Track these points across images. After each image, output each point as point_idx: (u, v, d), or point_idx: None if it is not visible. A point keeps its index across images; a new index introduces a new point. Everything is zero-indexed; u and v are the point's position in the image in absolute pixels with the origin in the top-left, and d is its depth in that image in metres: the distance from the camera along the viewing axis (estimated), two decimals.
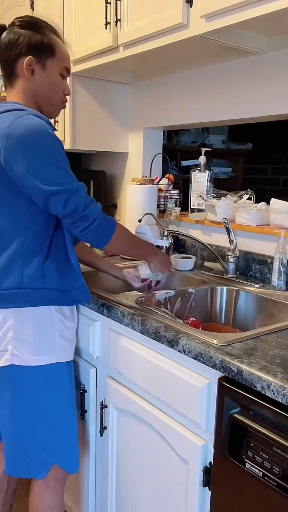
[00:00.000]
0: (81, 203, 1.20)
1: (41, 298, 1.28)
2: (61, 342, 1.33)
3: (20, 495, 1.85)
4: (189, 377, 1.14)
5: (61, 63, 1.33)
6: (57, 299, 1.31)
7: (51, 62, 1.31)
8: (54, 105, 1.36)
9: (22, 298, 1.26)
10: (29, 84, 1.30)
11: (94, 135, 2.28)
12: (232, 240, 1.75)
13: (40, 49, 1.29)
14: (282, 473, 0.92)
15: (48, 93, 1.33)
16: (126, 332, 1.35)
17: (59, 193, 1.17)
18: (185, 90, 2.04)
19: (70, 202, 1.18)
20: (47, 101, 1.34)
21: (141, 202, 2.03)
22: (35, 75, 1.30)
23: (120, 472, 1.44)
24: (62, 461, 1.36)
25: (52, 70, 1.32)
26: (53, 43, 1.31)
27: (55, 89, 1.34)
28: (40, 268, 1.27)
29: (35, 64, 1.29)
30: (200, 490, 1.13)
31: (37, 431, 1.32)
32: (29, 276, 1.26)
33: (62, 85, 1.36)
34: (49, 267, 1.28)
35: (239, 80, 1.79)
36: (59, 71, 1.34)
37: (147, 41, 1.64)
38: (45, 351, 1.30)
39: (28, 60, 1.27)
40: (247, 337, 1.15)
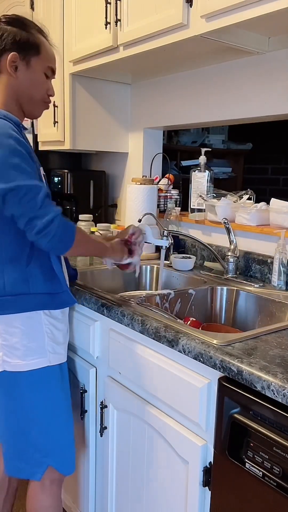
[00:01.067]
0: (38, 201, 1.14)
1: (26, 304, 1.26)
2: (51, 345, 1.32)
3: (20, 495, 1.85)
4: (189, 377, 1.14)
5: (46, 62, 1.31)
6: (44, 303, 1.28)
7: (36, 60, 1.29)
8: (36, 104, 1.34)
9: (6, 305, 1.24)
10: (12, 80, 1.28)
11: (94, 135, 2.28)
12: (232, 240, 1.75)
13: (25, 46, 1.27)
14: (282, 473, 0.92)
15: (30, 91, 1.31)
16: (126, 332, 1.35)
17: (13, 190, 1.13)
18: (185, 90, 2.04)
19: (25, 199, 1.14)
20: (28, 100, 1.32)
21: (141, 202, 2.03)
22: (18, 72, 1.28)
23: (120, 472, 1.44)
24: (56, 463, 1.36)
25: (36, 68, 1.30)
26: (38, 42, 1.29)
27: (38, 87, 1.32)
28: (23, 272, 1.25)
29: (19, 60, 1.27)
30: (200, 490, 1.13)
31: (31, 433, 1.32)
32: (11, 281, 1.24)
33: (45, 84, 1.33)
34: (32, 271, 1.26)
35: (239, 80, 1.79)
36: (43, 70, 1.32)
37: (147, 41, 1.64)
38: (36, 355, 1.29)
39: (12, 56, 1.25)
40: (247, 337, 1.15)
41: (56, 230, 1.16)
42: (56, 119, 2.21)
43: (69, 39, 2.05)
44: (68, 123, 2.18)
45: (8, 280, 1.24)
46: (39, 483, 1.38)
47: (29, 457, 1.34)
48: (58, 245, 1.19)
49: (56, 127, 2.23)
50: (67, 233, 1.19)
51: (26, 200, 1.14)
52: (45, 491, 1.38)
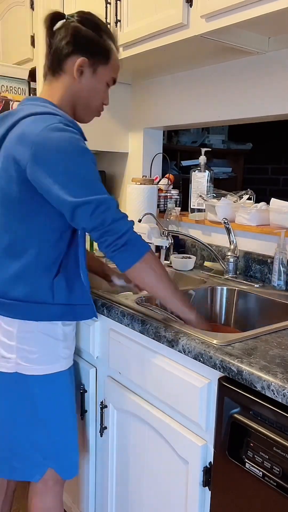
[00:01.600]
0: (109, 216, 1.12)
1: (48, 314, 1.25)
2: (64, 351, 1.32)
3: (20, 496, 1.85)
4: (189, 377, 1.14)
5: (111, 72, 1.29)
6: (63, 314, 1.28)
7: (103, 69, 1.27)
8: (90, 111, 1.32)
9: (28, 312, 1.24)
10: (73, 84, 1.26)
11: (94, 135, 2.27)
12: (232, 241, 1.75)
13: (96, 52, 1.24)
14: (282, 473, 0.92)
15: (89, 98, 1.29)
16: (126, 332, 1.35)
17: (85, 204, 1.10)
18: (185, 90, 2.04)
19: (97, 213, 1.11)
20: (85, 106, 1.30)
21: (141, 202, 2.03)
22: (83, 78, 1.25)
23: (120, 472, 1.44)
24: (58, 466, 1.35)
25: (101, 77, 1.28)
26: (109, 50, 1.27)
27: (97, 96, 1.30)
28: (50, 283, 1.24)
29: (87, 66, 1.25)
30: (200, 490, 1.13)
31: (34, 434, 1.31)
32: (39, 290, 1.23)
33: (104, 94, 1.32)
34: (58, 283, 1.25)
35: (239, 80, 1.79)
36: (107, 80, 1.29)
37: (147, 41, 1.64)
38: (49, 361, 1.28)
39: (81, 60, 1.23)
40: (247, 337, 1.15)
41: (124, 244, 1.14)
42: None
43: None
44: None
45: (35, 288, 1.23)
46: (42, 484, 1.37)
47: (29, 457, 1.33)
48: (122, 259, 1.16)
49: None
50: (135, 248, 1.16)
51: (98, 214, 1.11)
52: (48, 491, 1.38)
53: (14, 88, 2.10)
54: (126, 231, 1.14)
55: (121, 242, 1.13)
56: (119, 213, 1.15)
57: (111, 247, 1.14)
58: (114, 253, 1.15)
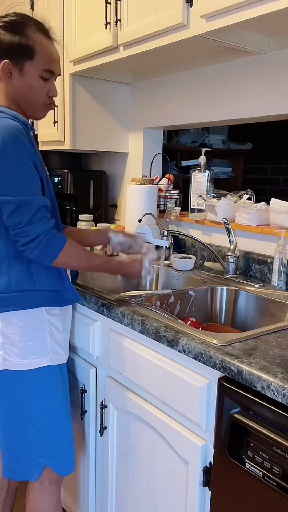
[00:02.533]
0: (25, 218, 1.16)
1: (30, 300, 1.26)
2: (52, 344, 1.32)
3: (20, 496, 1.85)
4: (189, 377, 1.14)
5: (41, 65, 1.27)
6: (47, 300, 1.29)
7: (29, 65, 1.26)
8: (36, 108, 1.32)
9: (11, 301, 1.24)
10: (8, 87, 1.27)
11: (94, 135, 2.28)
12: (232, 241, 1.75)
13: (17, 51, 1.24)
14: (282, 473, 0.92)
15: (28, 96, 1.29)
16: (126, 332, 1.35)
17: (6, 203, 1.15)
18: (185, 90, 2.04)
19: (15, 214, 1.16)
20: (27, 104, 1.30)
21: (141, 202, 2.03)
22: (13, 79, 1.26)
23: (120, 472, 1.44)
24: (53, 463, 1.36)
25: (31, 73, 1.27)
26: (32, 44, 1.25)
27: (35, 92, 1.29)
28: (27, 269, 1.25)
29: (12, 67, 1.25)
30: (200, 490, 1.13)
31: (28, 433, 1.32)
32: (17, 278, 1.24)
33: (44, 88, 1.30)
34: (36, 268, 1.26)
35: (239, 80, 1.79)
36: (39, 74, 1.28)
37: (147, 41, 1.64)
38: (37, 354, 1.29)
39: (4, 63, 1.24)
40: (247, 337, 1.15)
41: (37, 247, 1.18)
42: (56, 119, 2.21)
43: (69, 39, 2.05)
44: (68, 123, 2.18)
45: (13, 276, 1.24)
46: (38, 484, 1.38)
47: (25, 458, 1.33)
48: (40, 259, 1.21)
49: (56, 127, 2.23)
50: (50, 250, 1.20)
51: (16, 215, 1.16)
52: (44, 491, 1.38)
53: None
54: (38, 235, 1.17)
55: (34, 245, 1.18)
56: (37, 216, 1.17)
57: (24, 248, 1.19)
58: (29, 254, 1.19)
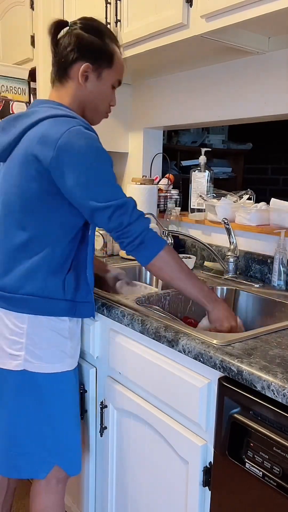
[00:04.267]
0: (125, 219, 1.19)
1: (58, 309, 1.28)
2: (70, 351, 1.34)
3: (20, 496, 1.85)
4: (189, 377, 1.14)
5: (116, 75, 1.33)
6: (70, 310, 1.31)
7: (107, 72, 1.30)
8: (99, 114, 1.36)
9: (41, 306, 1.26)
10: (80, 89, 1.29)
11: None
12: (232, 241, 1.75)
13: (100, 57, 1.28)
14: (282, 473, 0.92)
15: (96, 102, 1.32)
16: (126, 332, 1.35)
17: (104, 209, 1.18)
18: (185, 90, 2.04)
19: (114, 217, 1.18)
20: (93, 109, 1.33)
21: (141, 202, 2.03)
22: (88, 83, 1.29)
23: (120, 472, 1.44)
24: (64, 463, 1.36)
25: (106, 80, 1.31)
26: (112, 53, 1.30)
27: (104, 99, 1.34)
28: (62, 279, 1.28)
29: (91, 71, 1.28)
30: (200, 490, 1.13)
31: (41, 431, 1.32)
32: (52, 286, 1.26)
33: (111, 96, 1.35)
34: (69, 279, 1.29)
35: (239, 80, 1.79)
36: (112, 83, 1.33)
37: (147, 41, 1.64)
38: (57, 359, 1.30)
39: (85, 66, 1.26)
40: (247, 337, 1.15)
41: (139, 244, 1.22)
42: None
43: None
44: None
45: (49, 284, 1.26)
46: (45, 482, 1.38)
47: (35, 456, 1.33)
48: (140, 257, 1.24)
49: None
50: (151, 246, 1.24)
51: (115, 218, 1.19)
52: (51, 490, 1.38)
53: (14, 88, 2.10)
54: (140, 232, 1.21)
55: (137, 243, 1.21)
56: (134, 215, 1.21)
57: (128, 247, 1.23)
58: (132, 252, 1.23)
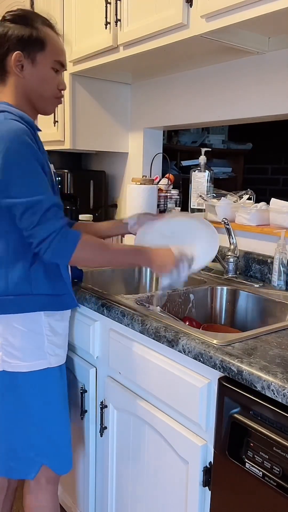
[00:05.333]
0: (36, 219, 1.15)
1: (28, 304, 1.26)
2: (51, 348, 1.31)
3: (20, 496, 1.85)
4: (189, 377, 1.14)
5: (52, 56, 1.27)
6: (45, 305, 1.28)
7: (41, 56, 1.25)
8: (47, 101, 1.31)
9: (8, 305, 1.24)
10: (20, 80, 1.26)
11: (94, 135, 2.27)
12: (233, 242, 1.75)
13: (29, 43, 1.23)
14: (282, 473, 0.92)
15: (40, 88, 1.28)
16: (126, 332, 1.35)
17: (17, 205, 1.15)
18: (185, 90, 2.04)
19: (25, 216, 1.15)
20: (39, 97, 1.29)
21: (141, 202, 2.03)
22: (25, 71, 1.25)
23: (120, 472, 1.44)
24: (51, 462, 1.36)
25: (43, 64, 1.26)
26: (42, 36, 1.25)
27: (47, 84, 1.28)
28: (26, 272, 1.24)
29: (24, 59, 1.24)
30: (200, 490, 1.13)
31: (26, 432, 1.32)
32: (15, 281, 1.24)
33: (55, 79, 1.30)
34: (35, 272, 1.25)
35: (239, 80, 1.79)
36: (51, 65, 1.28)
37: (147, 41, 1.64)
38: (35, 357, 1.29)
39: (16, 55, 1.23)
40: (247, 337, 1.15)
41: (49, 246, 1.17)
42: (56, 118, 2.21)
43: (69, 39, 2.05)
44: (68, 123, 2.18)
45: (11, 280, 1.24)
46: (34, 482, 1.38)
47: (23, 456, 1.33)
48: (55, 259, 1.21)
49: (56, 127, 2.23)
50: (64, 248, 1.19)
51: (26, 217, 1.16)
52: (41, 490, 1.39)
53: None
54: (49, 234, 1.16)
55: (46, 245, 1.17)
56: (48, 215, 1.16)
57: (38, 249, 1.18)
58: (43, 255, 1.18)
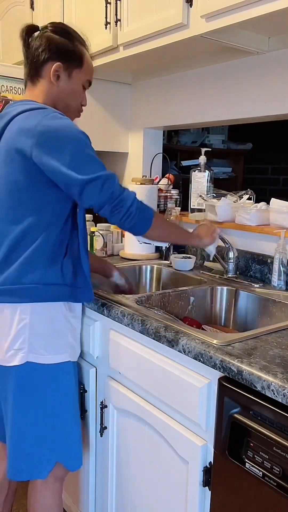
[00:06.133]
0: (116, 189, 1.23)
1: (60, 294, 1.31)
2: (71, 340, 1.36)
3: (20, 495, 1.85)
4: (189, 377, 1.14)
5: (86, 75, 1.38)
6: (71, 295, 1.34)
7: (77, 72, 1.36)
8: (70, 112, 1.40)
9: (43, 293, 1.29)
10: (52, 88, 1.34)
11: (94, 135, 2.26)
12: (229, 250, 1.74)
13: (70, 57, 1.33)
14: (282, 473, 0.92)
15: (68, 100, 1.38)
16: (126, 332, 1.35)
17: (93, 181, 1.20)
18: (185, 90, 2.04)
19: (105, 187, 1.21)
20: (65, 107, 1.38)
21: None
22: (60, 81, 1.34)
23: (120, 472, 1.44)
24: (65, 459, 1.37)
25: (77, 80, 1.37)
26: (81, 54, 1.36)
27: (75, 98, 1.39)
28: (60, 265, 1.31)
29: (62, 70, 1.33)
30: (200, 490, 1.13)
31: (42, 428, 1.33)
32: (51, 272, 1.29)
33: (81, 95, 1.41)
34: (66, 265, 1.32)
35: (239, 80, 1.79)
36: (82, 82, 1.39)
37: (147, 41, 1.64)
38: (59, 349, 1.32)
39: (56, 65, 1.32)
40: (247, 337, 1.15)
41: (135, 213, 1.25)
42: None
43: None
44: None
45: (49, 271, 1.29)
46: (42, 481, 1.38)
47: (37, 455, 1.33)
48: (138, 226, 1.28)
49: None
50: (145, 215, 1.28)
51: (106, 188, 1.21)
52: (48, 488, 1.39)
53: (14, 88, 2.09)
54: (133, 200, 1.25)
55: (133, 211, 1.24)
56: (122, 186, 1.26)
57: (124, 218, 1.25)
58: (128, 222, 1.26)
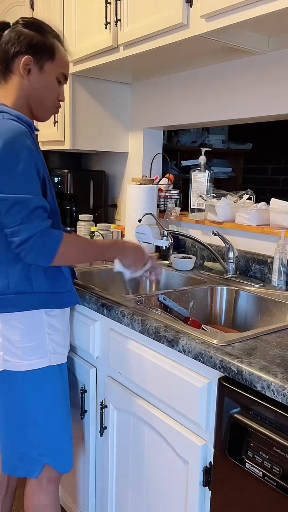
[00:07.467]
0: (20, 217, 1.15)
1: (28, 303, 1.27)
2: (51, 346, 1.33)
3: (20, 495, 1.85)
4: (189, 377, 1.14)
5: (59, 67, 1.32)
6: (45, 303, 1.29)
7: (49, 65, 1.30)
8: (46, 108, 1.35)
9: (9, 303, 1.25)
10: (23, 83, 1.29)
11: (94, 135, 2.28)
12: (229, 250, 1.74)
13: (40, 50, 1.28)
14: (282, 473, 0.92)
15: (42, 95, 1.32)
16: (126, 332, 1.35)
17: (3, 201, 1.15)
18: (185, 90, 2.04)
19: (11, 212, 1.15)
20: (39, 103, 1.33)
21: (141, 202, 2.03)
22: (31, 75, 1.29)
23: (120, 472, 1.44)
24: (53, 461, 1.37)
25: (49, 73, 1.31)
26: (53, 47, 1.30)
27: (49, 92, 1.33)
28: (26, 271, 1.26)
29: (33, 64, 1.28)
30: (200, 490, 1.13)
31: (29, 432, 1.33)
32: (15, 280, 1.25)
33: (57, 90, 1.34)
34: (35, 270, 1.26)
35: (239, 80, 1.79)
36: (56, 76, 1.32)
37: (147, 41, 1.64)
38: (36, 355, 1.30)
39: (26, 59, 1.26)
40: (247, 337, 1.15)
41: (32, 246, 1.16)
42: (56, 119, 2.21)
43: (69, 39, 2.05)
44: (68, 123, 2.18)
45: (12, 279, 1.25)
46: (36, 482, 1.39)
47: (26, 455, 1.34)
48: (35, 260, 1.19)
49: (56, 127, 2.23)
50: (46, 249, 1.19)
51: (11, 213, 1.15)
52: (42, 489, 1.39)
53: None
54: (32, 235, 1.16)
55: (28, 246, 1.16)
56: (33, 215, 1.16)
57: (19, 250, 1.17)
58: (25, 256, 1.18)
